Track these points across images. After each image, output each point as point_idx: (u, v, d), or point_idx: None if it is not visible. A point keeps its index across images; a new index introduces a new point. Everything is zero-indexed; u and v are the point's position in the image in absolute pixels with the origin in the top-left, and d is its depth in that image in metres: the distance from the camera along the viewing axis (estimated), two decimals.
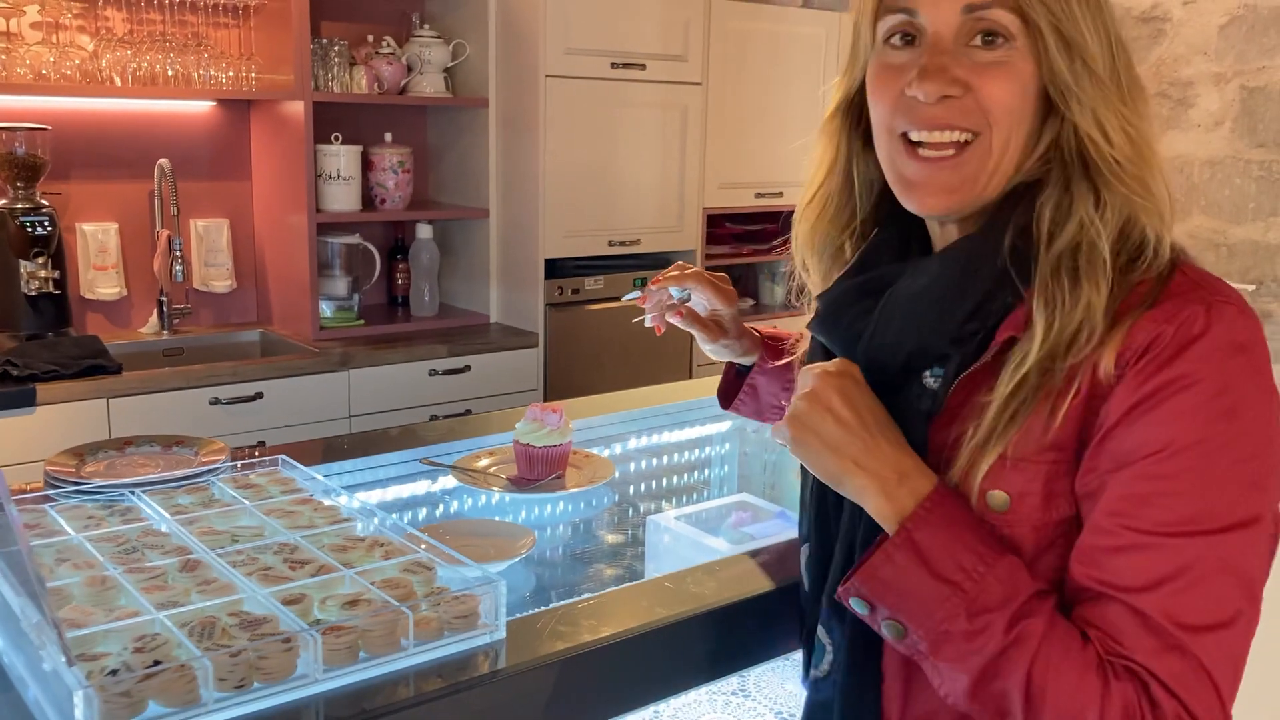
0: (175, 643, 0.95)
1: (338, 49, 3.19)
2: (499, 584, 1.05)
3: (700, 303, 1.41)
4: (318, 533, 1.21)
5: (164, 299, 3.14)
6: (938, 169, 0.94)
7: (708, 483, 1.95)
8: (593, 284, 3.42)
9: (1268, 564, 0.86)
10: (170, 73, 2.96)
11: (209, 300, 3.31)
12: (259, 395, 2.84)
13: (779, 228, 1.19)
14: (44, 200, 2.83)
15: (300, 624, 0.99)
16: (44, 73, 2.79)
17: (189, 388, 2.74)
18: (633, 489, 1.82)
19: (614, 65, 3.32)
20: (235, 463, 1.44)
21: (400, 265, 3.54)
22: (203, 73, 3.01)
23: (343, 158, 3.18)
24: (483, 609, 1.04)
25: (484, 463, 1.67)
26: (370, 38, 3.33)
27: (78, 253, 3.03)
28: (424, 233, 3.47)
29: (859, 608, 0.90)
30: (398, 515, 1.47)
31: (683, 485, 1.91)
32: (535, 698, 1.02)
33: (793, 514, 1.41)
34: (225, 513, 1.28)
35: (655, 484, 1.89)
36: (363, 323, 3.27)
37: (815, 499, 1.03)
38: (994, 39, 0.91)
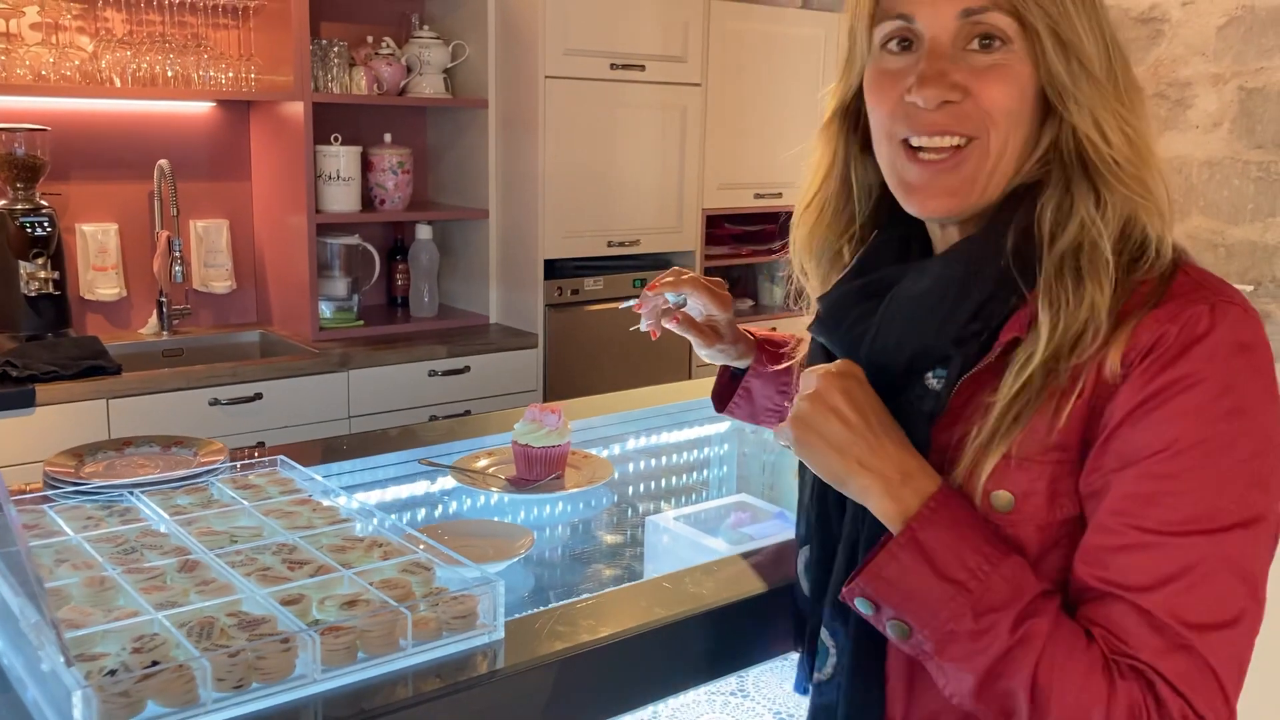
0: (174, 643, 0.95)
1: (337, 50, 3.19)
2: (497, 584, 1.05)
3: (696, 308, 1.41)
4: (316, 533, 1.21)
5: (164, 300, 3.14)
6: (938, 172, 0.94)
7: (706, 483, 1.95)
8: (592, 285, 3.42)
9: (1271, 562, 0.86)
10: (170, 73, 2.96)
11: (208, 301, 3.31)
12: (258, 396, 2.84)
13: (778, 228, 1.19)
14: (44, 201, 2.84)
15: (299, 624, 0.99)
16: (44, 73, 2.79)
17: (188, 388, 2.74)
18: (631, 489, 1.82)
19: (613, 66, 3.32)
20: (234, 463, 1.44)
21: (400, 266, 3.54)
22: (202, 73, 3.01)
23: (342, 158, 3.18)
24: (481, 609, 1.04)
25: (483, 463, 1.68)
26: (370, 38, 3.33)
27: (77, 253, 3.03)
28: (423, 233, 3.47)
29: (864, 608, 0.90)
30: (396, 516, 1.47)
31: (681, 486, 1.91)
32: (534, 698, 1.02)
33: (791, 514, 1.40)
34: (224, 513, 1.28)
35: (654, 484, 1.89)
36: (362, 323, 3.27)
37: (816, 500, 1.03)
38: (991, 42, 0.91)
